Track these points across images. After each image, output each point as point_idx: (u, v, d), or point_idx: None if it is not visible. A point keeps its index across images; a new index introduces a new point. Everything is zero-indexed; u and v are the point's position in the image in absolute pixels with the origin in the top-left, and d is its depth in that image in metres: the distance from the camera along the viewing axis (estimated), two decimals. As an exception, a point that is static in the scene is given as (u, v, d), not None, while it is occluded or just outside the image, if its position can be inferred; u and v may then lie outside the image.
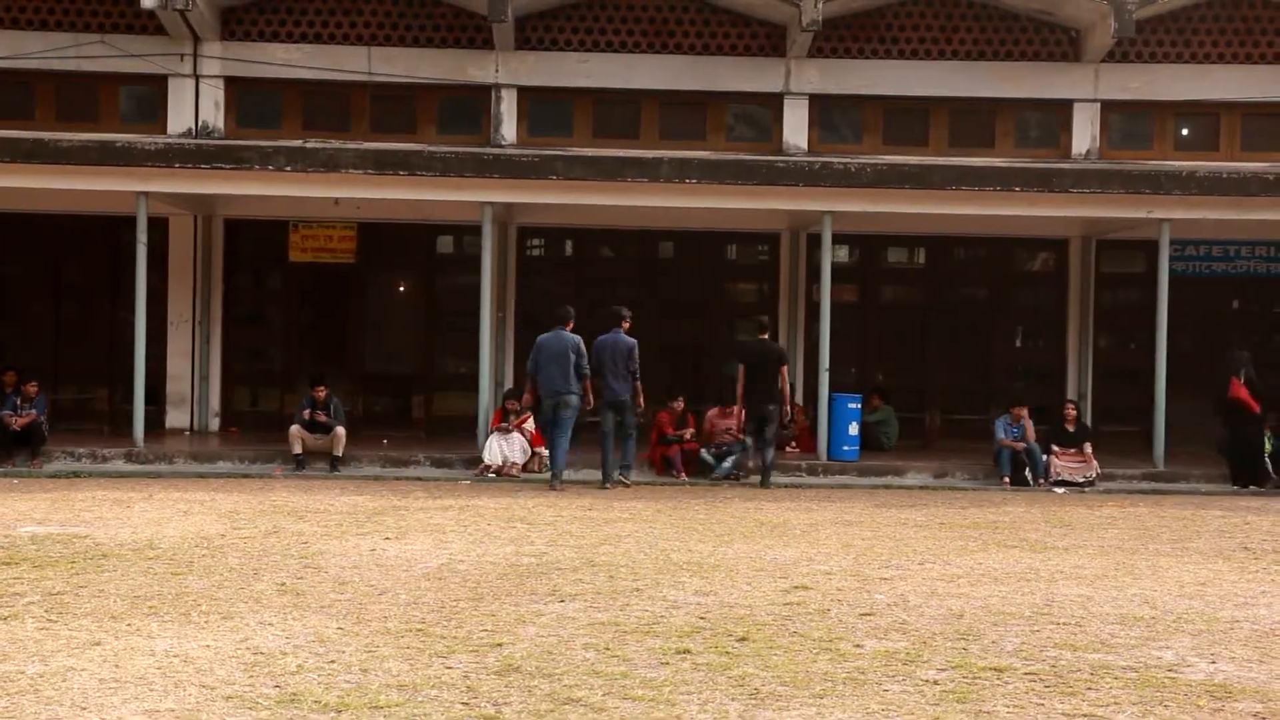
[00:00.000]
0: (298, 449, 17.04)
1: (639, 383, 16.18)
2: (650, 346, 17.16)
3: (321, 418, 17.26)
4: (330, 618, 7.78)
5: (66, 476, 15.73)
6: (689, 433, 17.41)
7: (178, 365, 20.41)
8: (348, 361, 21.05)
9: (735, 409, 17.38)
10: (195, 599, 8.26)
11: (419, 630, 7.49)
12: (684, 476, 16.95)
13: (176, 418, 20.37)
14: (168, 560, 9.67)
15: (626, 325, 16.41)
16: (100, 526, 11.38)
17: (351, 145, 18.63)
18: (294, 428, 17.21)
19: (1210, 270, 21.10)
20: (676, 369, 20.21)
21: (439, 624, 7.66)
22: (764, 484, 16.28)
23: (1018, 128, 20.92)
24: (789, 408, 17.20)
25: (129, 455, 17.04)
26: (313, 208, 19.55)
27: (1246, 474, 17.25)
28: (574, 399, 15.86)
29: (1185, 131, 21.03)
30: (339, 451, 17.05)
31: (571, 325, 16.12)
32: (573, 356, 15.85)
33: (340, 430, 17.16)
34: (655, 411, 17.55)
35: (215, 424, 20.54)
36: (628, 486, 15.97)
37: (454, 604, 8.24)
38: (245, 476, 16.24)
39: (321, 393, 17.43)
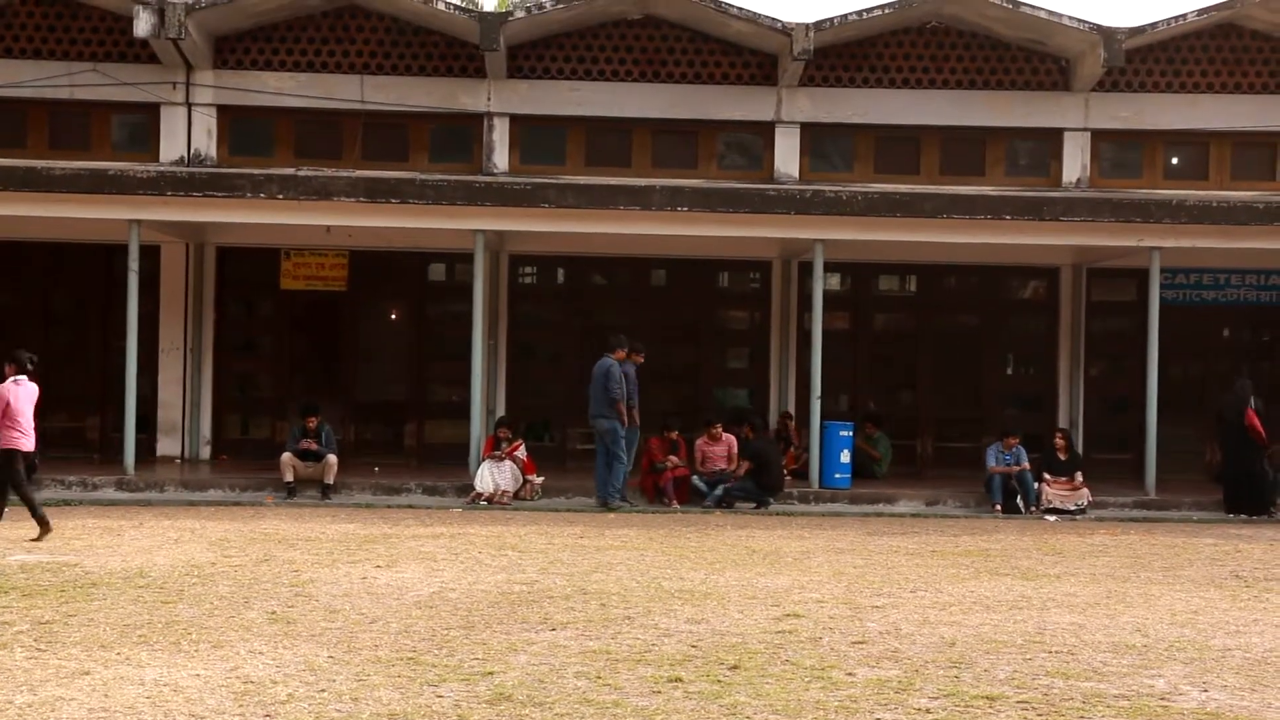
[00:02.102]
0: (289, 477, 17.00)
1: (621, 404, 16.55)
2: (642, 373, 17.18)
3: (313, 446, 17.25)
4: (321, 646, 7.75)
5: (56, 505, 15.66)
6: (673, 460, 17.39)
7: (169, 393, 20.39)
8: (339, 389, 21.03)
9: (723, 436, 17.46)
10: (185, 627, 8.23)
11: (410, 659, 7.47)
12: (675, 504, 16.93)
13: (167, 445, 20.32)
14: (158, 589, 9.64)
15: (619, 355, 16.64)
16: (90, 555, 11.35)
17: (343, 173, 18.66)
18: (285, 455, 17.17)
19: (1200, 299, 21.16)
20: (669, 396, 20.20)
21: (430, 652, 7.64)
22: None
23: (1008, 156, 21.00)
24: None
25: (119, 483, 17.00)
26: (305, 235, 19.58)
27: (1246, 502, 17.23)
28: (602, 423, 16.63)
29: (1175, 160, 21.12)
30: (330, 479, 17.01)
31: (621, 353, 16.84)
32: (602, 381, 16.58)
33: (332, 458, 17.13)
34: (647, 438, 17.55)
35: (206, 452, 20.50)
36: (620, 512, 16.06)
37: (445, 632, 8.22)
38: (236, 504, 16.20)
39: (313, 422, 17.41)
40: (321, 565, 10.95)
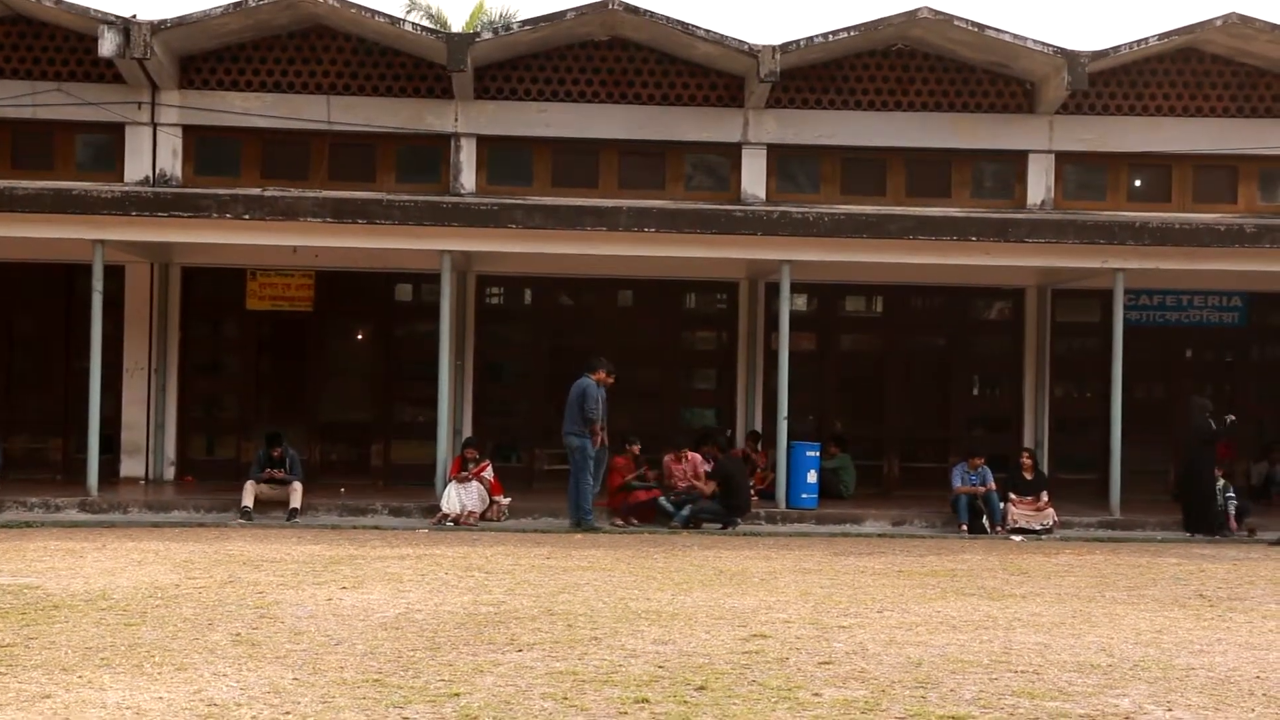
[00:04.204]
0: (248, 501, 16.85)
1: (597, 425, 16.61)
2: (609, 394, 17.15)
3: (278, 475, 17.20)
4: (286, 668, 7.70)
5: (18, 527, 15.53)
6: (650, 474, 17.42)
7: (133, 414, 20.25)
8: (305, 410, 20.95)
9: (690, 455, 17.48)
10: (148, 650, 8.16)
11: (375, 680, 7.42)
12: (635, 523, 16.91)
13: (131, 466, 20.18)
14: (120, 611, 9.55)
15: (598, 376, 16.70)
16: (52, 577, 11.24)
17: (310, 194, 18.60)
18: (248, 483, 17.08)
19: (1164, 319, 21.32)
20: (634, 416, 20.19)
21: (396, 674, 7.60)
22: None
23: (974, 178, 21.13)
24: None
25: (82, 504, 16.86)
26: (271, 256, 19.49)
27: (1201, 522, 17.33)
28: (573, 440, 16.60)
29: (1138, 182, 21.30)
30: (296, 504, 16.90)
31: (601, 374, 16.86)
32: (578, 401, 16.64)
33: (298, 485, 17.07)
34: (612, 456, 17.54)
35: (170, 473, 20.37)
36: (588, 532, 16.09)
37: (411, 654, 8.18)
38: (200, 526, 16.08)
39: (278, 452, 17.33)
40: (286, 587, 10.88)
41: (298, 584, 11.07)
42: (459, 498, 16.89)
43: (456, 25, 32.52)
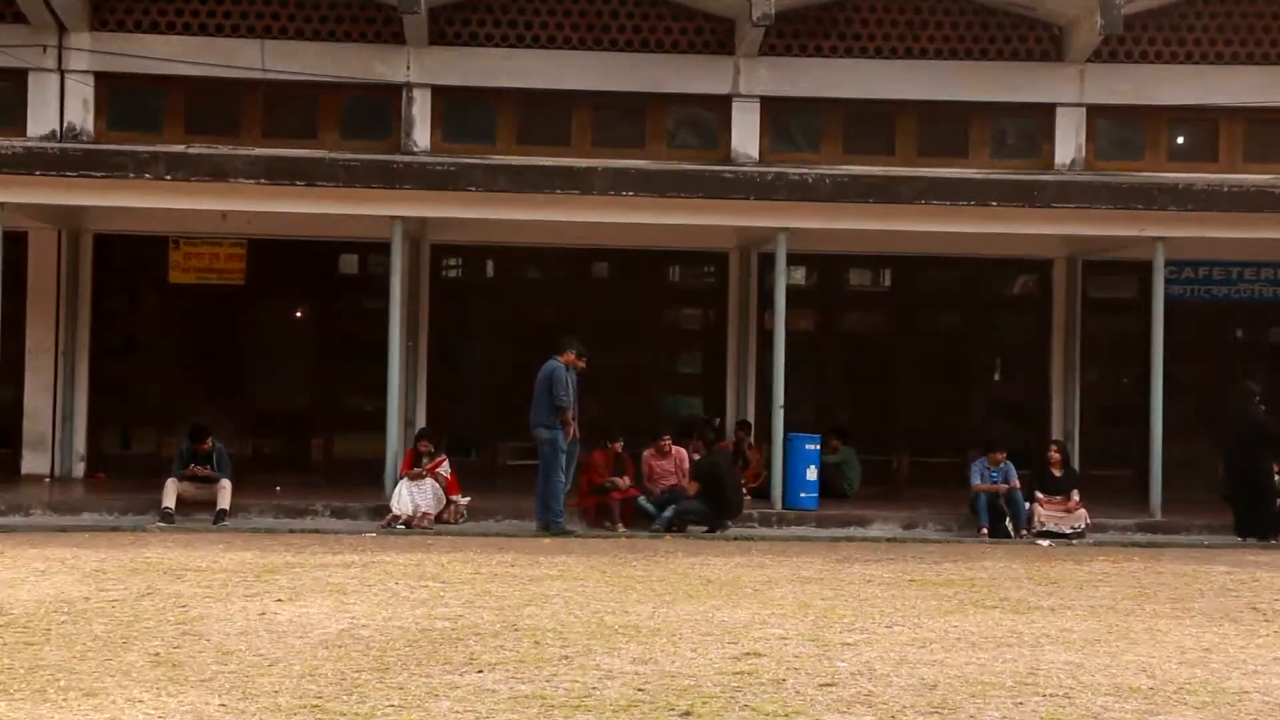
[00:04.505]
0: (169, 502, 16.76)
1: (568, 413, 16.54)
2: (582, 379, 17.08)
3: (203, 472, 17.12)
4: (212, 693, 7.64)
5: (-93, 530, 15.44)
6: (625, 480, 17.34)
7: (36, 401, 20.14)
8: (236, 397, 20.86)
9: (673, 449, 17.44)
10: (53, 673, 8.08)
11: (315, 706, 7.37)
12: (621, 527, 16.88)
13: (34, 462, 20.07)
14: (20, 628, 9.47)
15: (566, 357, 16.64)
16: (-56, 588, 11.16)
17: (242, 151, 18.48)
18: (169, 481, 16.99)
19: (1210, 294, 21.35)
20: (610, 405, 20.16)
21: (338, 699, 7.55)
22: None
23: (995, 135, 21.11)
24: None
25: (-23, 506, 16.78)
26: (197, 222, 19.37)
27: (1257, 525, 17.31)
28: (542, 432, 16.56)
29: (1181, 140, 21.31)
30: (224, 505, 16.84)
31: (570, 356, 16.78)
32: (546, 386, 16.58)
33: (226, 483, 17.00)
34: (589, 452, 17.49)
35: (80, 469, 20.25)
36: (559, 536, 16.09)
37: (356, 675, 8.13)
38: (114, 530, 15.99)
39: (205, 445, 17.25)
40: (214, 599, 10.82)
41: (226, 596, 11.00)
42: (411, 497, 16.85)
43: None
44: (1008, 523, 17.31)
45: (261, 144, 19.72)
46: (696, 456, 17.67)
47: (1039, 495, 17.59)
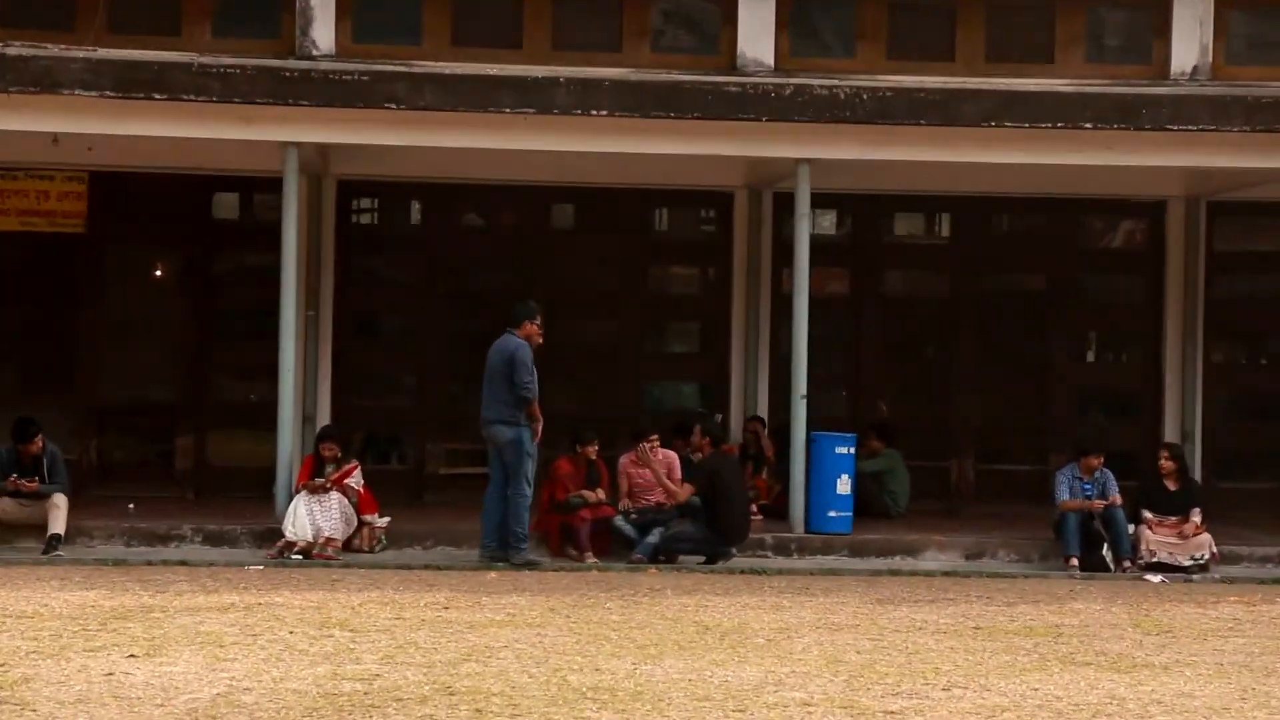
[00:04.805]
0: (-12, 525, 16.83)
1: (535, 405, 16.54)
2: (538, 358, 17.05)
3: (29, 486, 17.07)
4: (41, 780, 7.61)
5: None
6: (599, 494, 17.32)
7: None
8: (74, 385, 20.79)
9: (658, 453, 17.42)
10: None
11: (179, 798, 7.34)
12: (590, 557, 16.88)
13: None
14: None
15: (525, 330, 16.59)
16: None
17: (79, 53, 18.30)
18: (-13, 494, 17.03)
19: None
20: (577, 393, 20.14)
21: (211, 788, 7.52)
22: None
23: (1089, 33, 21.05)
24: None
25: None
26: (18, 149, 19.26)
27: None
28: (503, 431, 16.56)
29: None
30: (59, 528, 16.80)
31: (529, 327, 16.74)
32: (504, 370, 16.56)
33: (60, 499, 16.95)
34: (552, 459, 17.45)
35: None
36: (516, 569, 16.05)
37: (235, 757, 8.11)
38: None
39: (35, 447, 17.20)
40: (42, 656, 10.77)
41: (60, 651, 10.96)
42: (311, 518, 16.83)
43: None
44: (1105, 551, 17.34)
45: (106, 42, 19.50)
46: (699, 457, 17.58)
47: (1147, 515, 17.62)
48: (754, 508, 18.35)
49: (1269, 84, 19.92)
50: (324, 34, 20.15)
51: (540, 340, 16.98)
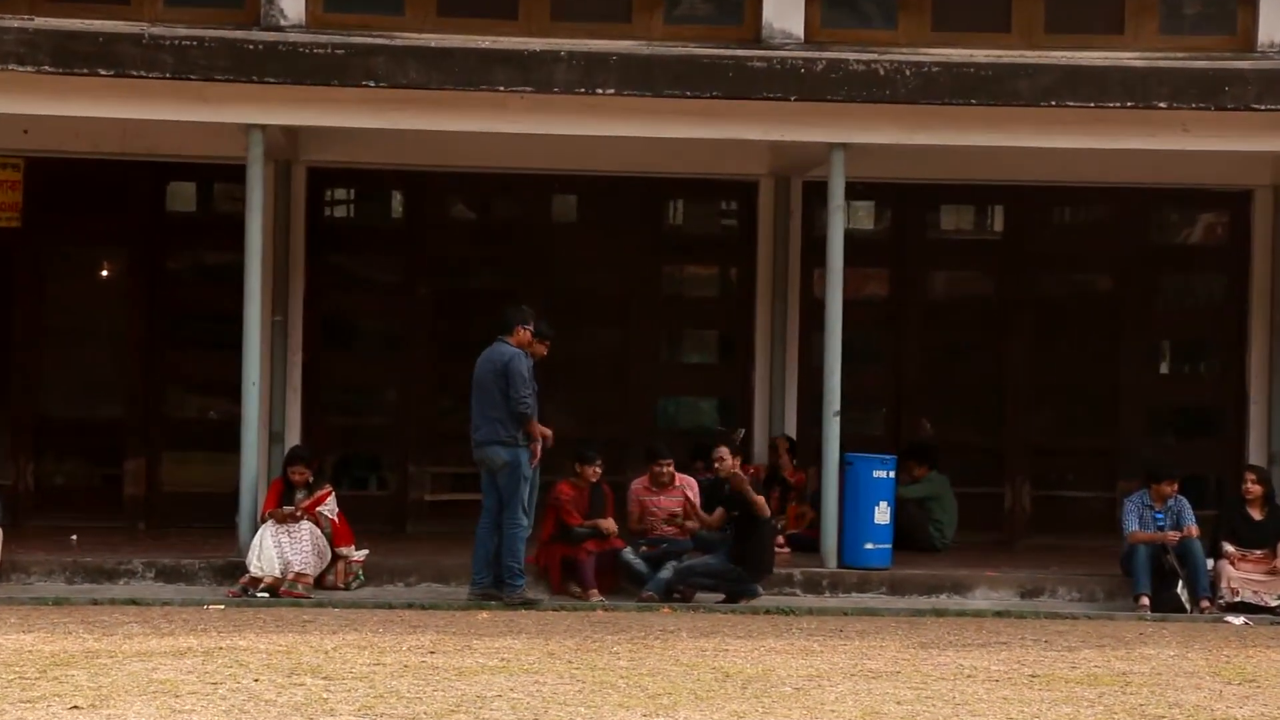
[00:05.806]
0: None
1: (534, 423, 16.54)
2: (541, 371, 17.09)
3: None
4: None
5: None
6: (608, 525, 17.34)
7: None
8: (9, 398, 20.83)
9: (677, 478, 17.46)
10: None
11: None
12: (596, 594, 16.92)
13: None
14: None
15: (519, 336, 16.59)
16: None
17: (14, 22, 18.37)
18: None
19: None
20: (582, 411, 20.20)
21: None
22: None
23: (1164, 2, 21.05)
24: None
25: None
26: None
27: None
28: (499, 453, 16.55)
29: None
30: (-8, 560, 16.92)
31: (526, 334, 16.73)
32: (497, 383, 16.53)
33: (-6, 528, 17.07)
34: (553, 483, 17.48)
35: None
36: (512, 608, 16.07)
37: (193, 820, 8.14)
38: None
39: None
40: (-23, 705, 10.81)
41: (-4, 700, 10.99)
42: (279, 550, 16.86)
43: None
44: (1180, 589, 17.35)
45: (44, 10, 19.60)
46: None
47: (1229, 549, 17.63)
48: (781, 539, 18.40)
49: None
50: (293, 5, 20.21)
51: (544, 352, 16.97)
